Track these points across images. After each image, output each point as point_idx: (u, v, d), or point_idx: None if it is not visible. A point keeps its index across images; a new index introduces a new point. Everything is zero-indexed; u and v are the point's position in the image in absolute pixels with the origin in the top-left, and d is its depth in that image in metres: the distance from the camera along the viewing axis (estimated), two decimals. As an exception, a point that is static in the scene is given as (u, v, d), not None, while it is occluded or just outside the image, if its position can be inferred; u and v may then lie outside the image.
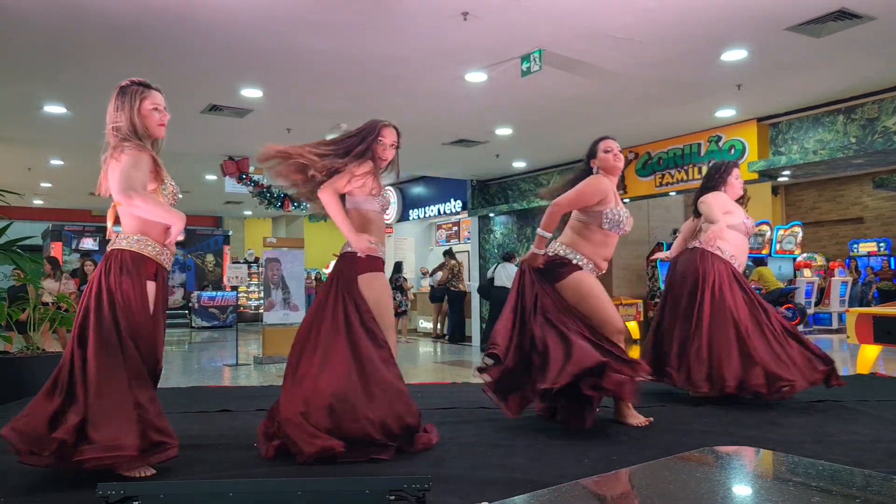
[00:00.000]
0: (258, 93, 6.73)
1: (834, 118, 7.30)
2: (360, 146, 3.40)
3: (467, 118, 7.78)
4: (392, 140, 3.48)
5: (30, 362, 5.03)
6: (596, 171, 3.89)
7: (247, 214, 19.48)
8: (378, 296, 3.35)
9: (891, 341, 5.64)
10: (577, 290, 3.71)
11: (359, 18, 4.94)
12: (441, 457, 3.14)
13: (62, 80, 6.32)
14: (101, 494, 1.82)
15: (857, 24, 5.05)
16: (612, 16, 4.91)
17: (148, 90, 3.02)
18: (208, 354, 10.58)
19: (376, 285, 3.37)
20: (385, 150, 3.47)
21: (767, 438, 3.48)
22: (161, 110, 3.04)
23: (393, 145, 3.49)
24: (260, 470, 2.98)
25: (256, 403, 4.51)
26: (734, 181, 4.66)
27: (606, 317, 3.68)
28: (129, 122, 2.93)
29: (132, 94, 2.98)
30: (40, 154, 10.55)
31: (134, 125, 2.94)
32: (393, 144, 3.49)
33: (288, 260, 9.52)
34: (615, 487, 1.30)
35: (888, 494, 1.12)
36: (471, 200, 12.36)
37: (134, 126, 2.94)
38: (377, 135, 3.43)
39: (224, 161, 9.86)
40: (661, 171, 9.02)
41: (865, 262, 14.70)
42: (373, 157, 3.42)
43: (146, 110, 2.99)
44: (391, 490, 1.86)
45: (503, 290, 10.55)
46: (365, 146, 3.40)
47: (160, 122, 3.04)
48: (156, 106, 3.01)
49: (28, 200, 15.52)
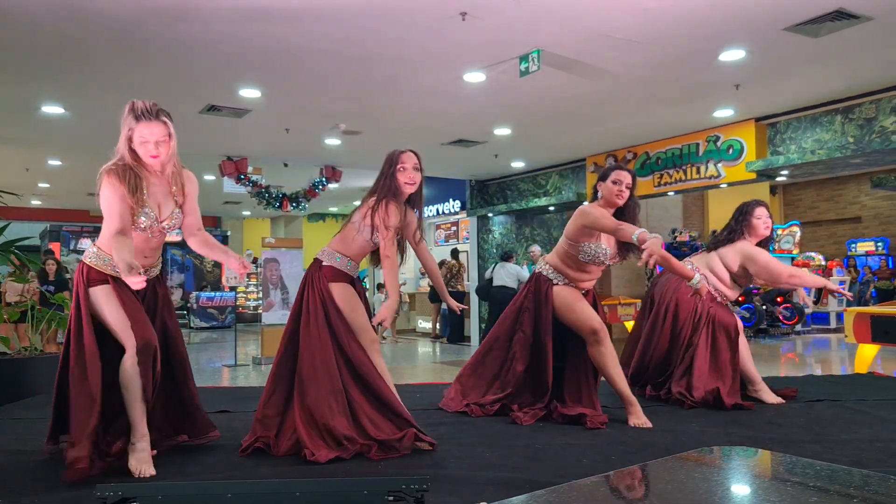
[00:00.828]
0: (256, 93, 6.72)
1: (832, 118, 7.31)
2: (383, 181, 3.41)
3: (466, 118, 7.78)
4: (413, 163, 3.44)
5: (28, 363, 5.03)
6: (599, 195, 3.96)
7: (245, 215, 19.46)
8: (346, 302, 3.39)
9: (889, 341, 5.65)
10: (556, 306, 4.00)
11: (357, 18, 4.94)
12: (440, 457, 3.14)
13: (60, 81, 6.31)
14: (99, 496, 1.82)
15: (855, 24, 5.06)
16: (610, 16, 4.91)
17: (137, 122, 2.85)
18: (207, 355, 10.57)
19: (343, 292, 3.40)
20: (408, 174, 3.42)
21: (766, 438, 3.48)
22: (152, 143, 2.86)
23: (415, 168, 3.45)
24: (258, 471, 2.97)
25: (255, 405, 4.49)
26: (755, 222, 4.44)
27: (578, 322, 3.92)
28: (123, 148, 2.91)
29: (126, 121, 2.89)
30: (38, 154, 10.54)
31: (125, 154, 2.91)
32: (415, 167, 3.45)
33: (287, 260, 9.51)
34: (615, 488, 1.30)
35: (886, 494, 1.12)
36: (470, 200, 12.36)
37: (125, 154, 2.91)
38: (397, 163, 3.42)
39: (223, 161, 9.86)
40: (660, 171, 9.02)
41: (863, 262, 14.72)
42: (397, 187, 3.40)
43: (135, 144, 2.89)
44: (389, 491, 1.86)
45: (502, 290, 10.56)
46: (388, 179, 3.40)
47: (152, 155, 2.89)
48: (145, 140, 2.86)
49: (26, 201, 15.50)
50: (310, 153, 9.75)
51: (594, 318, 3.88)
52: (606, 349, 3.85)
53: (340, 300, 3.36)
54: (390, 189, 3.37)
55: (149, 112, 2.87)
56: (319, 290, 3.36)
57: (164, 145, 2.90)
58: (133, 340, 2.91)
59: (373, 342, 3.39)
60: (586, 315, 3.90)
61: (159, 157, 2.90)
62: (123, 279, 2.67)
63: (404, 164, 3.41)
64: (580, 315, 3.91)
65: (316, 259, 3.49)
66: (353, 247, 3.45)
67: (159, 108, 2.91)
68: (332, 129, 8.23)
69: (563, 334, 4.04)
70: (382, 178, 3.43)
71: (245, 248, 19.10)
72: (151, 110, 2.87)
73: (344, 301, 3.37)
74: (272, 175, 10.67)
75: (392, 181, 3.38)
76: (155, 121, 2.87)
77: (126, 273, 2.57)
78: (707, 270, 4.51)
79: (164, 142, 2.90)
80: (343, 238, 3.47)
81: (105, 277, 2.98)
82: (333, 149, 9.36)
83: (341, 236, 3.48)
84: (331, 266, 3.42)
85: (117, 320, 2.94)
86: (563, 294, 3.99)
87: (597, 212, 3.83)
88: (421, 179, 3.48)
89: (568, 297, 3.97)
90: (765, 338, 11.41)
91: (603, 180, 3.96)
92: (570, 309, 3.95)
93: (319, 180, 10.77)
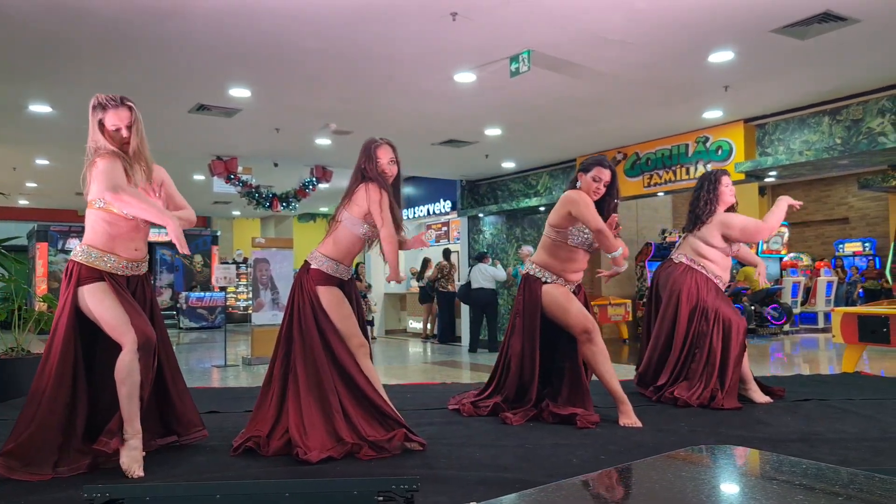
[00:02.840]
0: (246, 92, 6.70)
1: (819, 119, 7.37)
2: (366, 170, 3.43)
3: (457, 118, 7.79)
4: (389, 157, 3.46)
5: (15, 364, 4.99)
6: (578, 186, 4.01)
7: (235, 215, 19.38)
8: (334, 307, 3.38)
9: (875, 340, 5.70)
10: (547, 305, 4.01)
11: (348, 18, 4.93)
12: (430, 457, 3.14)
13: (48, 80, 6.26)
14: (86, 497, 1.81)
15: (842, 26, 5.10)
16: (600, 17, 4.93)
17: (105, 111, 3.01)
18: (197, 355, 10.51)
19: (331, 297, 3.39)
20: (382, 168, 3.44)
21: (754, 437, 3.51)
22: (123, 127, 3.01)
23: (391, 161, 3.47)
24: (248, 472, 2.97)
25: (245, 405, 4.48)
26: (724, 189, 4.64)
27: (570, 322, 3.94)
28: (97, 140, 3.01)
29: (94, 114, 3.02)
30: (26, 153, 10.45)
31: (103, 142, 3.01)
32: (391, 161, 3.47)
33: (277, 260, 9.48)
34: (603, 487, 1.30)
35: (871, 492, 1.13)
36: (461, 201, 12.37)
37: (103, 142, 3.01)
38: (375, 158, 3.43)
39: (212, 161, 9.81)
40: (650, 172, 9.06)
41: (851, 262, 14.84)
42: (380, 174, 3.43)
43: (108, 133, 3.02)
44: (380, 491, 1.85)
45: (480, 292, 10.55)
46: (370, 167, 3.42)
47: (125, 141, 3.03)
48: (117, 126, 3.01)
49: (13, 200, 15.37)
50: (300, 153, 9.72)
51: (587, 318, 3.90)
52: (598, 348, 3.86)
53: (328, 305, 3.36)
54: (376, 176, 3.39)
55: (113, 100, 3.03)
56: (308, 293, 3.36)
57: (132, 129, 3.05)
58: (132, 336, 2.90)
59: (360, 346, 3.39)
60: (579, 315, 3.91)
61: (130, 142, 3.03)
62: (168, 223, 2.88)
63: (380, 159, 3.44)
64: (572, 315, 3.92)
65: (305, 262, 3.49)
66: (342, 247, 3.44)
67: (122, 97, 3.06)
68: (323, 128, 8.21)
69: (554, 334, 4.05)
70: (362, 168, 3.44)
71: (235, 248, 19.03)
72: (116, 98, 3.04)
73: (332, 306, 3.37)
74: (262, 175, 10.63)
75: (375, 170, 3.41)
76: (121, 107, 3.03)
77: (165, 218, 2.89)
78: (700, 258, 4.54)
79: (133, 125, 3.05)
80: (332, 240, 3.45)
81: (99, 274, 2.97)
82: (324, 149, 9.34)
83: (331, 238, 3.46)
84: (318, 269, 3.41)
85: (115, 316, 2.92)
86: (553, 293, 3.99)
87: (583, 202, 3.86)
88: (398, 172, 3.50)
89: (559, 297, 3.97)
90: (753, 338, 11.47)
91: (584, 172, 4.00)
92: (562, 308, 3.95)
93: (310, 180, 10.74)
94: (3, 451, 2.86)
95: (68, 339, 2.94)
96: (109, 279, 2.97)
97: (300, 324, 3.33)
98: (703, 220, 4.59)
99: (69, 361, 2.94)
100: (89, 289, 2.95)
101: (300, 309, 3.36)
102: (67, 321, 2.95)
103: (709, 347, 4.37)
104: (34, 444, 2.86)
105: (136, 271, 3.12)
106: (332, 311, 3.35)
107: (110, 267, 2.99)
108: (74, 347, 2.97)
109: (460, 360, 9.64)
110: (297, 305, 3.38)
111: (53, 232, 15.99)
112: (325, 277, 3.40)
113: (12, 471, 2.81)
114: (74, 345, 2.97)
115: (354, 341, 3.37)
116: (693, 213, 4.70)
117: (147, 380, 2.96)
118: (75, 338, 2.97)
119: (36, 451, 2.86)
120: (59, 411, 2.91)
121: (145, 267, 3.21)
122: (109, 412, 2.99)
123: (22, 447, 2.85)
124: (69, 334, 2.95)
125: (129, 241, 3.04)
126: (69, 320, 2.95)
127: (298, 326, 3.34)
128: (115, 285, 2.97)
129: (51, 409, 2.89)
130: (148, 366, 2.95)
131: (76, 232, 16.07)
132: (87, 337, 3.04)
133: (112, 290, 2.95)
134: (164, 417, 3.31)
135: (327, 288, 3.39)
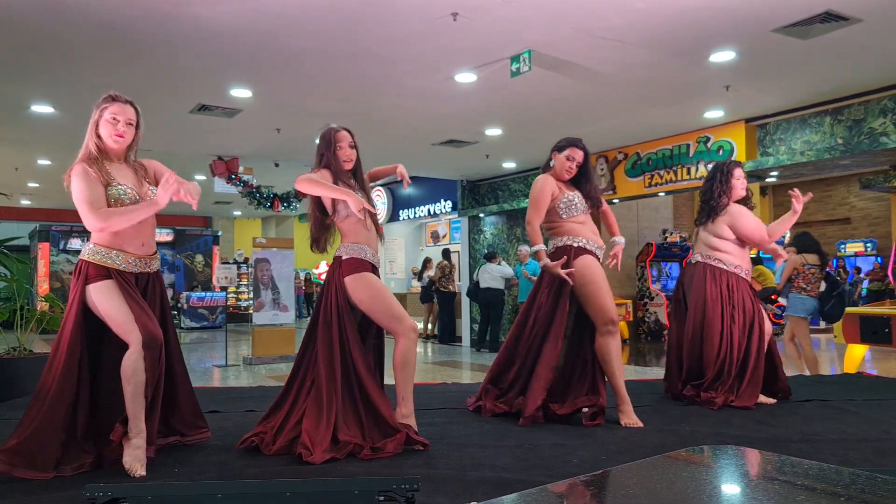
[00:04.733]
0: (247, 93, 6.70)
1: (821, 119, 7.36)
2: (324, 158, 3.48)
3: (457, 119, 7.79)
4: (349, 141, 3.50)
5: (16, 364, 4.99)
6: (551, 164, 4.00)
7: (236, 215, 19.40)
8: (366, 295, 3.35)
9: (877, 341, 5.69)
10: (583, 274, 3.82)
11: (349, 19, 4.93)
12: (430, 457, 3.14)
13: (49, 80, 6.27)
14: (88, 496, 1.81)
15: (844, 25, 5.09)
16: (601, 17, 4.93)
17: (110, 104, 3.03)
18: (198, 355, 10.52)
19: (362, 284, 3.36)
20: (345, 152, 3.48)
21: (755, 438, 3.50)
22: (122, 121, 3.02)
23: (351, 145, 3.50)
24: (249, 471, 2.97)
25: (246, 404, 4.49)
26: (735, 182, 4.53)
27: (601, 303, 3.82)
28: (88, 140, 3.03)
29: (98, 107, 3.04)
30: (27, 154, 10.46)
31: (90, 144, 3.03)
32: (350, 145, 3.50)
33: (278, 260, 9.49)
34: (603, 487, 1.30)
35: (872, 492, 1.13)
36: (461, 201, 12.36)
37: (90, 144, 3.03)
38: (335, 142, 3.48)
39: (213, 161, 9.82)
40: (651, 172, 9.06)
41: (852, 263, 14.82)
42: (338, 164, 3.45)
43: (103, 124, 3.02)
44: (380, 491, 1.85)
45: (489, 292, 10.58)
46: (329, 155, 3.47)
47: (116, 133, 3.03)
48: (115, 118, 3.02)
49: (15, 200, 15.39)
50: (301, 153, 9.72)
51: (615, 309, 3.87)
52: (617, 343, 3.84)
53: (361, 292, 3.32)
54: (330, 164, 3.43)
55: (121, 97, 3.06)
56: (335, 287, 3.35)
57: (130, 128, 3.06)
58: (137, 334, 2.90)
59: (412, 330, 3.35)
60: (610, 302, 3.85)
61: (123, 136, 3.04)
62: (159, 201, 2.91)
63: (340, 142, 3.47)
64: (605, 300, 3.83)
65: (335, 257, 3.47)
66: (349, 237, 3.44)
67: (131, 100, 3.10)
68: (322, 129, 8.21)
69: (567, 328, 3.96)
70: (321, 156, 3.48)
71: (236, 248, 19.05)
72: (123, 96, 3.07)
73: (362, 291, 3.32)
74: (263, 175, 10.64)
75: (334, 159, 3.43)
76: (127, 104, 3.06)
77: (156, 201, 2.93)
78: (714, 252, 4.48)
79: (132, 125, 3.06)
80: (341, 234, 3.49)
81: (107, 272, 2.97)
82: (325, 149, 9.34)
83: (341, 229, 3.49)
84: (350, 258, 3.38)
85: (121, 314, 2.92)
86: (591, 262, 3.85)
87: (538, 186, 3.89)
88: (357, 156, 3.53)
89: (598, 270, 3.84)
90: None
91: (559, 151, 3.97)
92: (598, 286, 3.82)
93: (311, 180, 10.74)
94: (5, 447, 2.85)
95: (75, 336, 2.95)
96: (118, 277, 2.98)
97: (325, 321, 3.32)
98: (718, 212, 4.50)
99: (75, 359, 2.95)
100: (96, 287, 2.95)
101: (327, 305, 3.34)
102: (75, 319, 2.95)
103: (739, 348, 4.34)
104: (37, 441, 2.86)
105: (145, 269, 3.11)
106: (364, 296, 3.31)
107: (118, 264, 3.00)
108: (81, 345, 2.97)
109: (461, 360, 9.64)
110: (326, 301, 3.36)
111: (55, 232, 16.02)
112: (357, 264, 3.36)
113: (14, 468, 2.81)
114: (81, 343, 2.97)
115: (405, 324, 3.33)
116: (707, 204, 4.58)
117: (153, 378, 2.96)
118: (82, 336, 2.97)
119: (39, 449, 2.85)
120: (63, 409, 2.91)
121: (156, 265, 3.20)
122: (111, 411, 2.99)
123: (25, 444, 2.84)
124: (76, 332, 2.95)
125: (134, 237, 3.04)
126: (77, 318, 2.96)
127: (323, 323, 3.31)
128: (122, 283, 2.97)
129: (55, 407, 2.89)
130: (154, 364, 2.95)
131: (78, 232, 16.09)
132: (94, 335, 3.05)
133: (119, 288, 2.95)
134: (168, 417, 3.30)
135: (352, 277, 3.35)
